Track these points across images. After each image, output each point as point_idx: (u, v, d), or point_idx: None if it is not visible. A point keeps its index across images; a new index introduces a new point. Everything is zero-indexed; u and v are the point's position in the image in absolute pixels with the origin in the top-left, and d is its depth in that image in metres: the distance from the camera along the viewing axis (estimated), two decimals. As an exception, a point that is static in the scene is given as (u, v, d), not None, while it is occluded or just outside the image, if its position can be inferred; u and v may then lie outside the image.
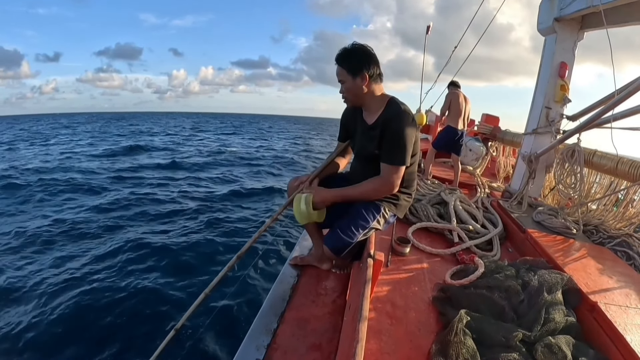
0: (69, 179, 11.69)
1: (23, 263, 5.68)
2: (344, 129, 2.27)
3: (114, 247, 6.20)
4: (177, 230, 7.24)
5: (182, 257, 5.99)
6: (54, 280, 5.11)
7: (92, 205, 8.77)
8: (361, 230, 1.98)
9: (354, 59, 1.91)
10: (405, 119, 1.88)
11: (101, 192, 10.34)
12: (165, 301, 4.64)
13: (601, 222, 3.17)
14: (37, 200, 9.43)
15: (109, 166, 14.84)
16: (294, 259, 2.43)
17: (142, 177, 12.69)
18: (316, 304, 2.00)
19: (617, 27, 3.15)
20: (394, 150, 1.88)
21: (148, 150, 21.00)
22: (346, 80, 1.94)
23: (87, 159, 16.91)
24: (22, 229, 7.00)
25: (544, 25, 3.81)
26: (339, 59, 1.93)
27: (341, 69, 1.93)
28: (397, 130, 1.86)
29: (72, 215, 7.95)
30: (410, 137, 1.88)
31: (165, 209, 8.70)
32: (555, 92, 3.75)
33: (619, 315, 1.61)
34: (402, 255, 2.29)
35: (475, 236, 2.71)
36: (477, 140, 6.11)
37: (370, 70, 1.92)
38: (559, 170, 3.57)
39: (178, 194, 10.18)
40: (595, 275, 2.05)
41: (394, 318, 1.65)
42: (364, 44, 1.95)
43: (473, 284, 1.86)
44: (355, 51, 1.92)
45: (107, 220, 7.66)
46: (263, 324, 1.81)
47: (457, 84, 5.21)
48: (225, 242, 6.68)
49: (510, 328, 1.46)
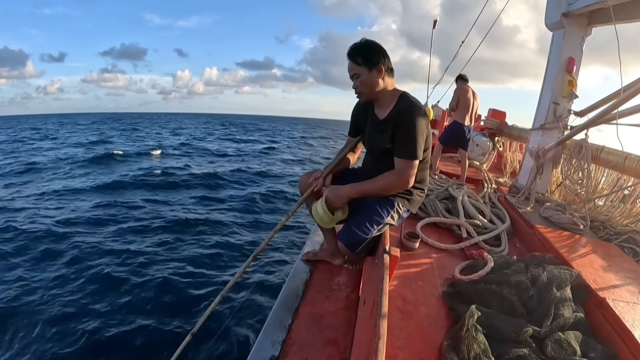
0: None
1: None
2: (354, 125, 2.28)
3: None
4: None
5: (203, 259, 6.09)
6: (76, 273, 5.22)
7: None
8: (376, 226, 2.01)
9: (370, 52, 1.92)
10: (417, 112, 1.90)
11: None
12: (180, 305, 4.72)
13: (608, 219, 3.19)
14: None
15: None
16: (306, 255, 2.46)
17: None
18: (330, 299, 2.04)
19: (625, 23, 3.14)
20: (407, 145, 1.89)
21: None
22: (362, 74, 1.93)
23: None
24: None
25: (551, 20, 3.80)
26: (353, 53, 1.93)
27: (355, 63, 1.93)
28: (410, 125, 1.88)
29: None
30: (422, 130, 1.90)
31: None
32: (563, 87, 3.74)
33: (627, 311, 1.63)
34: (412, 250, 2.32)
35: (483, 231, 2.74)
36: (484, 135, 6.11)
37: (385, 63, 1.94)
38: (566, 166, 3.58)
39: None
40: (603, 272, 2.07)
41: (405, 313, 1.68)
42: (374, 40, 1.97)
43: (483, 279, 1.89)
44: (370, 44, 1.93)
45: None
46: (277, 320, 1.83)
47: (466, 78, 5.15)
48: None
49: (521, 323, 1.49)
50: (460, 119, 4.95)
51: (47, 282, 5.28)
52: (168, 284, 5.16)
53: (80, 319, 4.41)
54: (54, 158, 18.12)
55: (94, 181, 12.12)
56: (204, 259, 6.17)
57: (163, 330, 4.19)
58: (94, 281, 5.27)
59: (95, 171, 14.54)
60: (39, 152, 21.03)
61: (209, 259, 6.17)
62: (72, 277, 5.42)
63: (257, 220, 8.39)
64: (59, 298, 4.84)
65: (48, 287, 5.11)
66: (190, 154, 21.18)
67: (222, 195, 10.81)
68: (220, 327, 3.84)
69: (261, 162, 18.61)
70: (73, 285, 5.16)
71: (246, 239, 7.01)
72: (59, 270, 5.68)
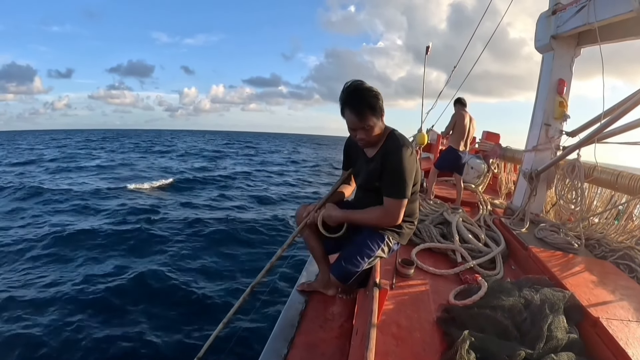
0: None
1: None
2: (347, 158, 2.30)
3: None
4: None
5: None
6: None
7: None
8: (366, 259, 2.03)
9: (376, 102, 1.85)
10: (404, 153, 1.87)
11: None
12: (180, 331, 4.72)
13: (603, 236, 3.21)
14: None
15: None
16: (301, 285, 2.48)
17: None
18: (324, 329, 2.04)
19: (612, 42, 3.23)
20: (395, 185, 1.90)
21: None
22: (374, 125, 1.87)
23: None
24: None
25: (541, 43, 3.90)
26: (362, 105, 1.83)
27: (367, 114, 1.84)
28: (397, 165, 1.86)
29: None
30: (410, 171, 1.89)
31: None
32: (554, 109, 3.81)
33: (621, 329, 1.64)
34: (407, 277, 2.33)
35: (478, 255, 2.75)
36: (479, 158, 6.16)
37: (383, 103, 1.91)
38: (560, 186, 3.61)
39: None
40: (598, 290, 2.08)
41: (399, 339, 1.68)
42: (360, 80, 1.90)
43: (476, 304, 1.89)
44: (373, 91, 1.85)
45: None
46: (274, 350, 1.85)
47: (464, 102, 5.13)
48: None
49: (513, 347, 1.50)
50: (456, 145, 5.00)
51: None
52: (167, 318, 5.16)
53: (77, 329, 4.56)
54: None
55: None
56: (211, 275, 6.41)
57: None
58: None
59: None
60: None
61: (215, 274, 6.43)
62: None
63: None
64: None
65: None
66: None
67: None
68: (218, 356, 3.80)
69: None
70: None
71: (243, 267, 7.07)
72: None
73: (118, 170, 21.64)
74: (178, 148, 44.92)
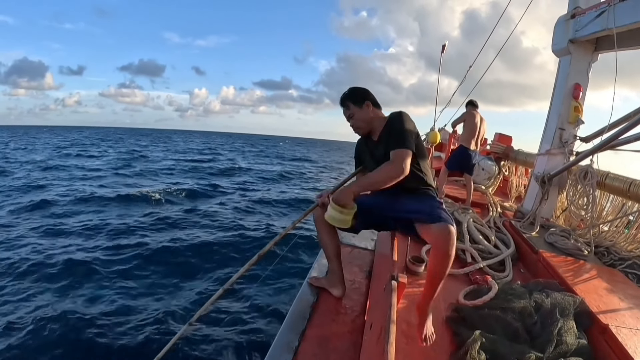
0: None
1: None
2: (358, 160, 2.47)
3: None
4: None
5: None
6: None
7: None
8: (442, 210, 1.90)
9: (355, 94, 2.28)
10: (403, 116, 2.10)
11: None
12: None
13: (613, 244, 3.20)
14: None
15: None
16: (312, 279, 2.52)
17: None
18: (336, 323, 2.07)
19: (630, 49, 3.21)
20: (396, 138, 2.02)
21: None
22: (355, 112, 2.26)
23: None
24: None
25: (558, 47, 3.88)
26: (344, 99, 2.28)
27: (348, 106, 2.27)
28: (396, 124, 2.08)
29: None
30: (408, 126, 2.06)
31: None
32: (569, 113, 3.80)
33: (630, 338, 1.66)
34: (417, 274, 2.35)
35: (488, 256, 2.77)
36: (490, 159, 6.14)
37: (370, 98, 2.26)
38: (572, 192, 3.61)
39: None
40: (607, 297, 2.09)
41: (409, 337, 1.70)
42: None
43: (487, 305, 1.92)
44: (354, 89, 2.31)
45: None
46: (284, 342, 1.87)
47: (475, 104, 5.18)
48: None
49: (523, 349, 1.52)
50: (466, 143, 5.00)
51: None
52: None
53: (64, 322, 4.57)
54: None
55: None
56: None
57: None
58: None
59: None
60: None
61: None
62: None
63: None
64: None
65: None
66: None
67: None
68: (227, 347, 3.85)
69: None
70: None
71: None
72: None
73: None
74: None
